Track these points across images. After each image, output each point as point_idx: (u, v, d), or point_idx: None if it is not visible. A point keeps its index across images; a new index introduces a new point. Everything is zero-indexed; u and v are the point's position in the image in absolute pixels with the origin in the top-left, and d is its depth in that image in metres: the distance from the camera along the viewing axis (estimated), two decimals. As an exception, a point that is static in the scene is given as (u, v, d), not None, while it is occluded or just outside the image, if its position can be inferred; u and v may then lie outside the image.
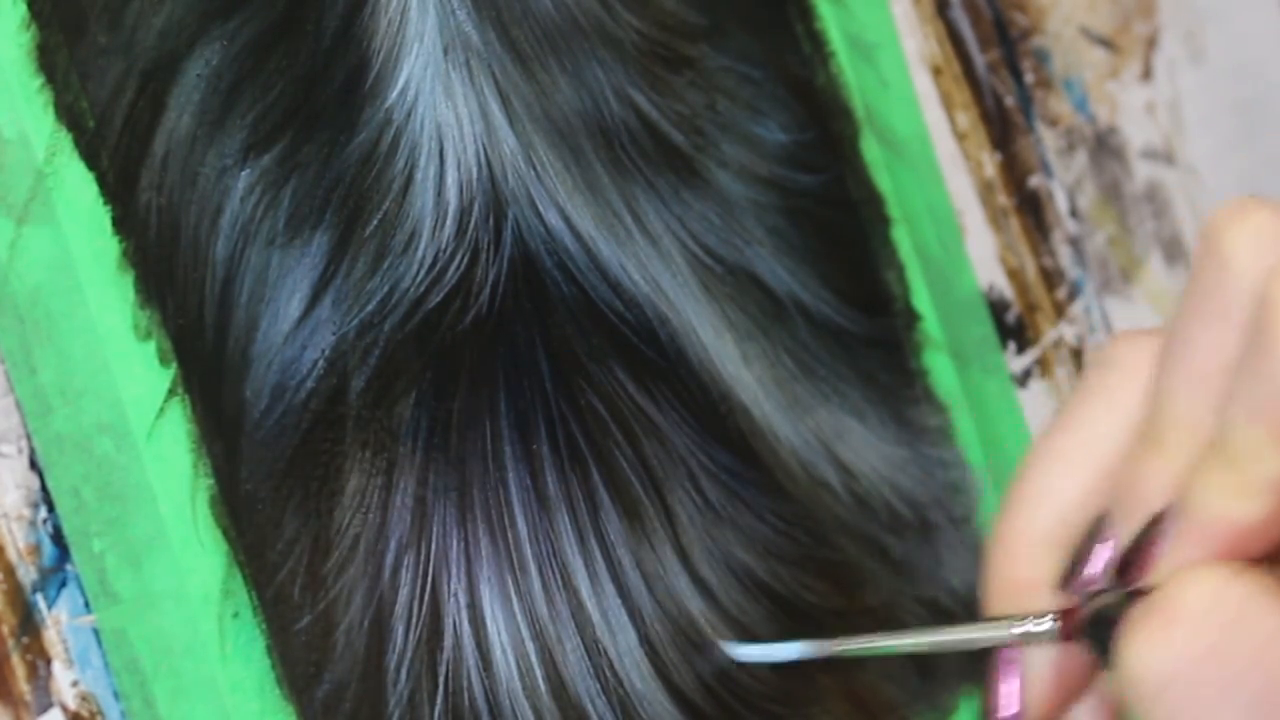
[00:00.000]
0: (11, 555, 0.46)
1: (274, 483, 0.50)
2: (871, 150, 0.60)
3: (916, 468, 0.59)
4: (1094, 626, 0.43)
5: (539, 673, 0.51)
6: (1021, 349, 0.64)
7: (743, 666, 0.54)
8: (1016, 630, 0.45)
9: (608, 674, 0.52)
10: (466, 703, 0.51)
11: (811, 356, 0.57)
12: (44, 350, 0.47)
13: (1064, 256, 0.66)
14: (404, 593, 0.50)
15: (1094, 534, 0.44)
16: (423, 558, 0.51)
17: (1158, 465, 0.43)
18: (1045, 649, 0.45)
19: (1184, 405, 0.42)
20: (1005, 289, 0.63)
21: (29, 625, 0.46)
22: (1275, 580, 0.40)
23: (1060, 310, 0.65)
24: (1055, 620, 0.44)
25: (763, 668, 0.54)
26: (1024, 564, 0.45)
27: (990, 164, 0.64)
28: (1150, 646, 0.40)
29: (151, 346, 0.49)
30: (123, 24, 0.49)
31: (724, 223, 0.56)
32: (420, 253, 0.52)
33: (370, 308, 0.51)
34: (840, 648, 0.51)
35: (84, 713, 0.47)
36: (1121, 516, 0.43)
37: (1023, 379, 0.64)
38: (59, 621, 0.46)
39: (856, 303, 0.58)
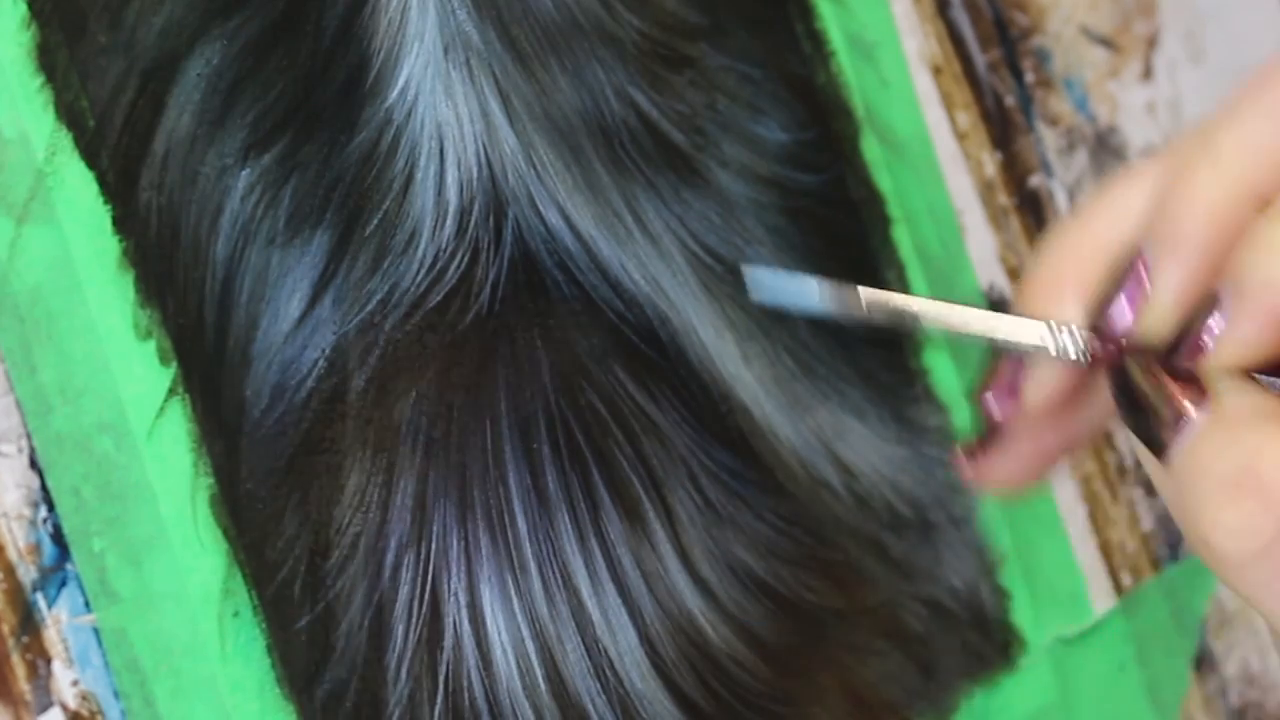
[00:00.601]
0: (11, 555, 0.46)
1: (274, 482, 0.50)
2: (872, 150, 0.60)
3: (916, 467, 0.59)
4: (1131, 397, 0.42)
5: (539, 672, 0.51)
6: (1022, 348, 0.64)
7: (741, 666, 0.54)
8: (1052, 334, 0.44)
9: (608, 674, 0.52)
10: (466, 702, 0.51)
11: (811, 356, 0.57)
12: (44, 350, 0.47)
13: (1064, 256, 0.66)
14: (404, 592, 0.50)
15: (1129, 264, 0.42)
16: (423, 557, 0.51)
17: (1202, 186, 0.41)
18: (1050, 363, 0.44)
19: (1253, 125, 0.40)
20: (1005, 288, 0.63)
21: (29, 625, 0.46)
22: None
23: (1060, 310, 0.65)
24: (1086, 344, 0.43)
25: (762, 667, 0.54)
26: (1073, 267, 0.44)
27: (990, 163, 0.64)
28: (1241, 526, 0.39)
29: (151, 346, 0.49)
30: (123, 23, 0.49)
31: (724, 222, 0.56)
32: (420, 252, 0.52)
33: (370, 307, 0.51)
34: (862, 299, 0.49)
35: (84, 712, 0.47)
36: (1159, 247, 0.42)
37: (1023, 378, 0.64)
38: (59, 621, 0.46)
39: (857, 302, 0.58)
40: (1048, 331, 0.44)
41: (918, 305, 0.48)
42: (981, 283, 0.63)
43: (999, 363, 0.46)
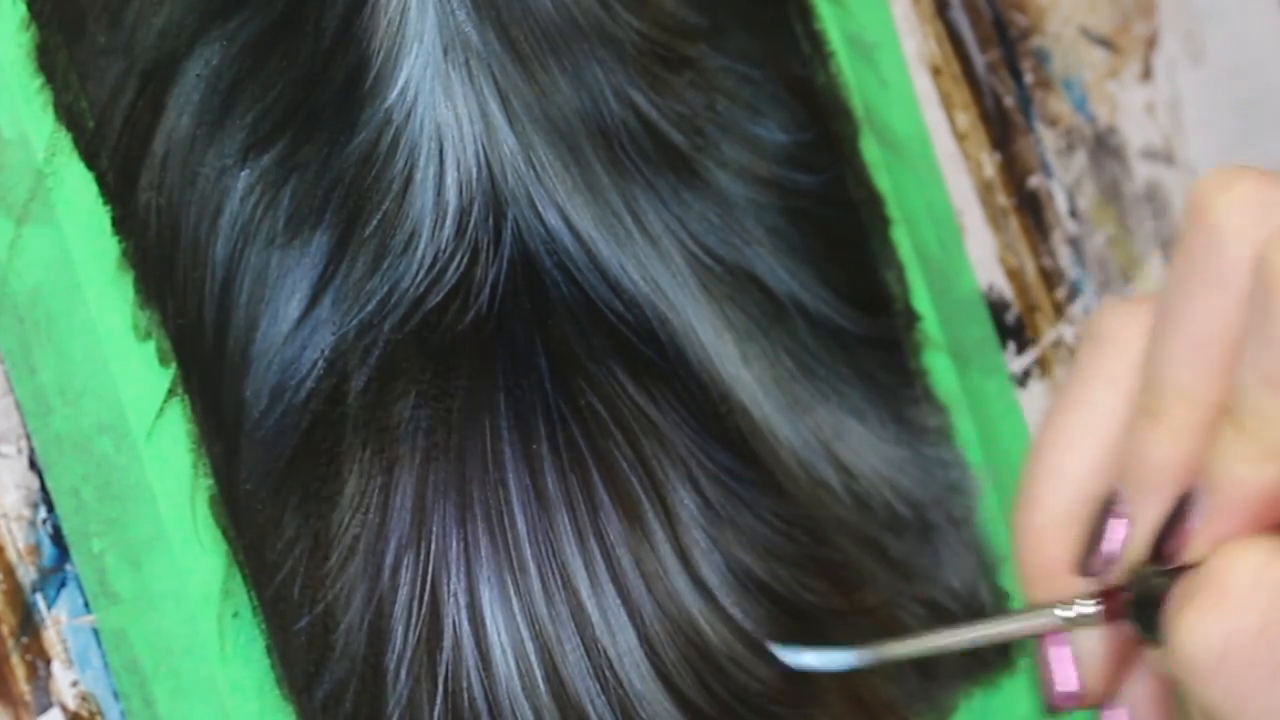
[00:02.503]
0: (11, 555, 0.46)
1: (274, 483, 0.50)
2: (871, 150, 0.60)
3: (916, 468, 0.59)
4: (1139, 606, 0.44)
5: (538, 673, 0.51)
6: (1021, 349, 0.64)
7: (741, 666, 0.54)
8: (1062, 614, 0.45)
9: (607, 674, 0.52)
10: (466, 703, 0.51)
11: (811, 356, 0.57)
12: (44, 350, 0.47)
13: (1063, 257, 0.66)
14: (404, 593, 0.50)
15: (1105, 512, 0.45)
16: (422, 558, 0.51)
17: (1162, 436, 0.43)
18: (1091, 631, 0.45)
19: (1183, 375, 0.43)
20: (1005, 289, 0.63)
21: (29, 625, 0.46)
22: None
23: (1060, 310, 0.65)
24: (1099, 602, 0.45)
25: (762, 668, 0.54)
26: (1051, 545, 0.46)
27: (990, 164, 0.64)
28: (1201, 625, 0.41)
29: (151, 346, 0.49)
30: (122, 24, 0.49)
31: (724, 223, 0.56)
32: (420, 253, 0.52)
33: (370, 308, 0.51)
34: (892, 652, 0.51)
35: (84, 713, 0.47)
36: (1133, 492, 0.44)
37: (1022, 379, 0.64)
38: (59, 621, 0.46)
39: (856, 303, 0.58)
40: (1064, 609, 0.46)
41: (943, 638, 0.50)
42: (981, 283, 0.63)
43: (1043, 655, 0.47)
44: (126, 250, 0.49)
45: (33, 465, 0.47)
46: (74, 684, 0.47)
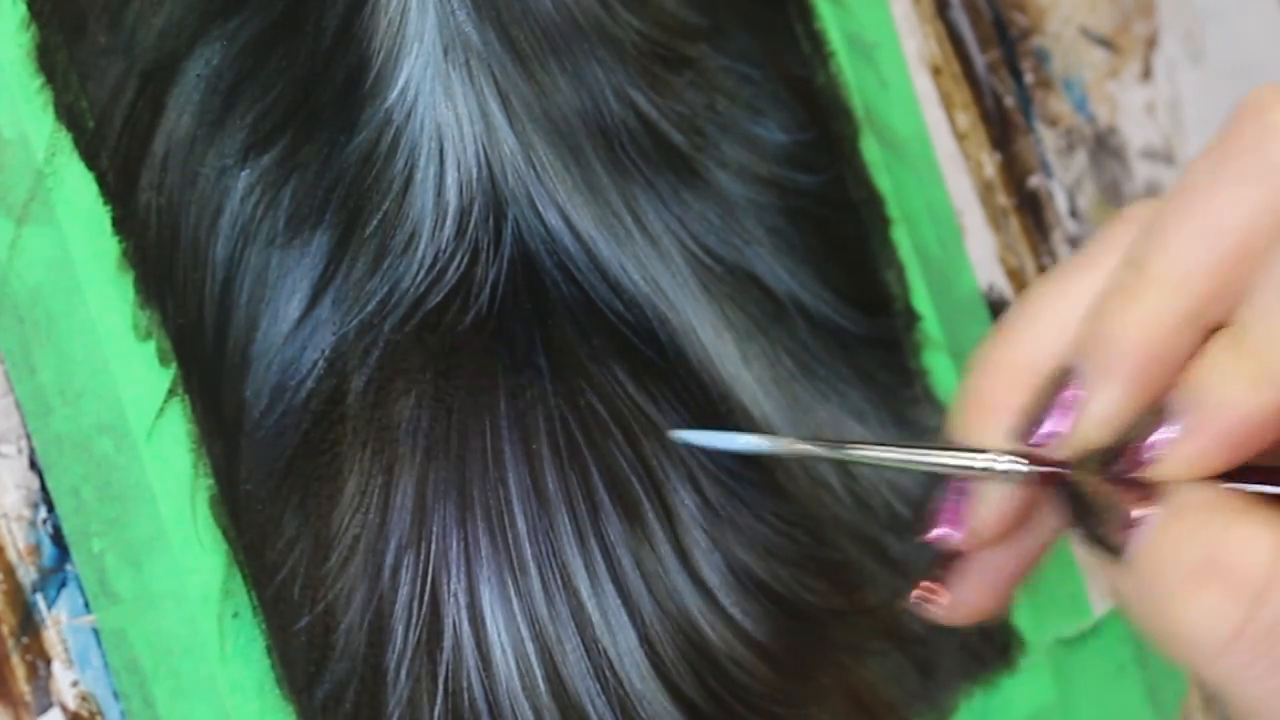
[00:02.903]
0: (11, 555, 0.46)
1: (274, 483, 0.50)
2: (871, 150, 0.60)
3: (916, 468, 0.59)
4: (1082, 506, 0.42)
5: (539, 673, 0.51)
6: (1021, 349, 0.64)
7: (741, 666, 0.54)
8: (988, 465, 0.44)
9: (607, 674, 0.52)
10: (466, 703, 0.51)
11: (811, 356, 0.57)
12: (44, 350, 0.47)
13: (1064, 256, 0.66)
14: (404, 593, 0.50)
15: (1059, 381, 0.43)
16: (423, 558, 0.51)
17: (1139, 313, 0.41)
18: (1001, 486, 0.44)
19: (1184, 258, 0.41)
20: (1005, 289, 0.63)
21: (29, 625, 0.46)
22: None
23: (1060, 310, 0.65)
24: (1026, 467, 0.43)
25: (762, 667, 0.54)
26: (1001, 388, 0.44)
27: (990, 164, 0.64)
28: (1213, 612, 0.39)
29: (151, 346, 0.49)
30: (123, 24, 0.49)
31: (724, 223, 0.56)
32: (420, 253, 0.52)
33: (370, 308, 0.51)
34: (792, 447, 0.49)
35: (84, 713, 0.47)
36: (1094, 370, 0.42)
37: (1022, 379, 0.64)
38: (59, 621, 0.46)
39: (856, 303, 0.58)
40: (986, 458, 0.44)
41: (856, 451, 0.48)
42: (981, 283, 0.63)
43: (940, 495, 0.45)
44: (126, 250, 0.49)
45: (33, 465, 0.47)
46: (74, 684, 0.47)
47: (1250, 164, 0.40)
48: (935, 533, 0.45)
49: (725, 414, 0.55)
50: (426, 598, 0.50)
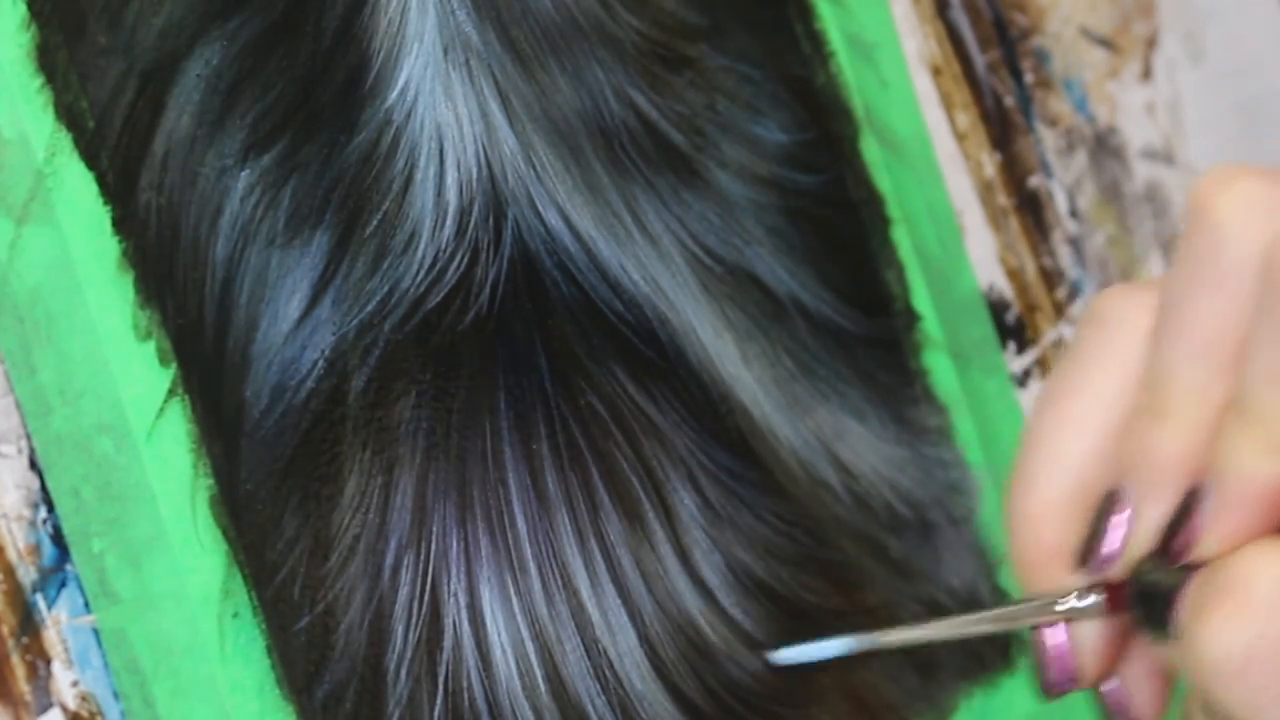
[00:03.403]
0: (11, 555, 0.46)
1: (274, 483, 0.50)
2: (871, 150, 0.60)
3: (916, 468, 0.59)
4: (1142, 601, 0.44)
5: (539, 673, 0.51)
6: (1021, 349, 0.64)
7: (741, 666, 0.54)
8: (1062, 608, 0.45)
9: (607, 674, 0.52)
10: (466, 703, 0.51)
11: (811, 356, 0.57)
12: (44, 350, 0.47)
13: (1064, 256, 0.66)
14: (404, 593, 0.50)
15: (1108, 507, 0.45)
16: (422, 558, 0.51)
17: (1168, 434, 0.43)
18: (1090, 621, 0.45)
19: (1189, 374, 0.43)
20: (1005, 289, 0.63)
21: (29, 625, 0.46)
22: None
23: (1060, 310, 0.65)
24: (1099, 594, 0.45)
25: (762, 667, 0.54)
26: (1047, 532, 0.45)
27: (990, 164, 0.64)
28: (1224, 631, 0.41)
29: (151, 346, 0.49)
30: (123, 24, 0.49)
31: (724, 223, 0.56)
32: (420, 253, 0.52)
33: (370, 308, 0.51)
34: (883, 639, 0.51)
35: (84, 713, 0.47)
36: (1139, 489, 0.44)
37: (1022, 379, 0.64)
38: (59, 622, 0.46)
39: (856, 303, 0.58)
40: (1066, 600, 0.46)
41: (937, 628, 0.51)
42: (981, 283, 0.63)
43: (1039, 658, 0.47)
44: (126, 250, 0.49)
45: (33, 465, 0.47)
46: (74, 684, 0.47)
47: (1211, 273, 0.43)
48: (1055, 687, 0.47)
49: (725, 414, 0.55)
50: (426, 598, 0.50)
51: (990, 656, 0.60)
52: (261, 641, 0.49)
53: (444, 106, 0.52)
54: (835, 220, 0.59)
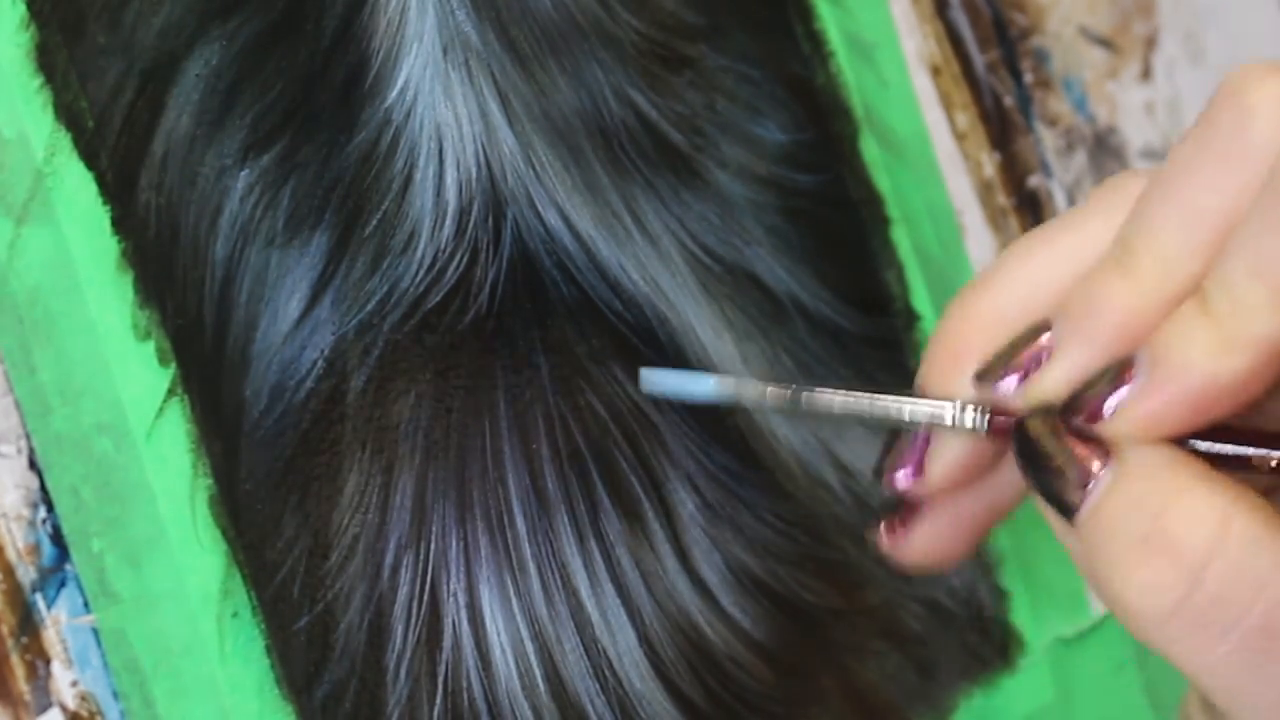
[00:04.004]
0: (11, 555, 0.46)
1: (273, 483, 0.50)
2: (871, 150, 0.60)
3: (916, 468, 0.59)
4: (1030, 454, 0.42)
5: (538, 673, 0.51)
6: (1021, 349, 0.64)
7: (741, 666, 0.54)
8: (953, 415, 0.44)
9: (607, 674, 0.52)
10: (466, 703, 0.51)
11: (811, 356, 0.57)
12: (43, 350, 0.47)
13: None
14: (403, 593, 0.50)
15: (1031, 336, 0.43)
16: (422, 558, 0.51)
17: (1122, 286, 0.42)
18: (959, 434, 0.44)
19: (1166, 237, 0.41)
20: (1005, 289, 0.63)
21: (28, 625, 0.46)
22: (1268, 512, 0.40)
23: (1060, 310, 0.65)
24: (985, 415, 0.44)
25: (761, 667, 0.54)
26: (969, 337, 0.44)
27: (989, 164, 0.64)
28: (1154, 587, 0.40)
29: (151, 346, 0.49)
30: (122, 24, 0.49)
31: (723, 222, 0.56)
32: (419, 253, 0.52)
33: (369, 308, 0.51)
34: (758, 392, 0.49)
35: (83, 713, 0.47)
36: (1068, 330, 0.42)
37: (1022, 379, 0.64)
38: (58, 621, 0.46)
39: (855, 302, 0.58)
40: (948, 407, 0.44)
41: (818, 395, 0.47)
42: (980, 283, 0.63)
43: (902, 439, 0.46)
44: (126, 250, 0.49)
45: (32, 465, 0.47)
46: (74, 684, 0.47)
47: (1228, 147, 0.41)
48: (894, 477, 0.45)
49: (725, 414, 0.55)
50: (426, 597, 0.50)
51: (990, 656, 0.60)
52: (261, 641, 0.49)
53: (443, 106, 0.52)
54: (835, 220, 0.59)
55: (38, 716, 0.46)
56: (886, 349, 0.59)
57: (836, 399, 0.46)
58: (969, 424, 0.44)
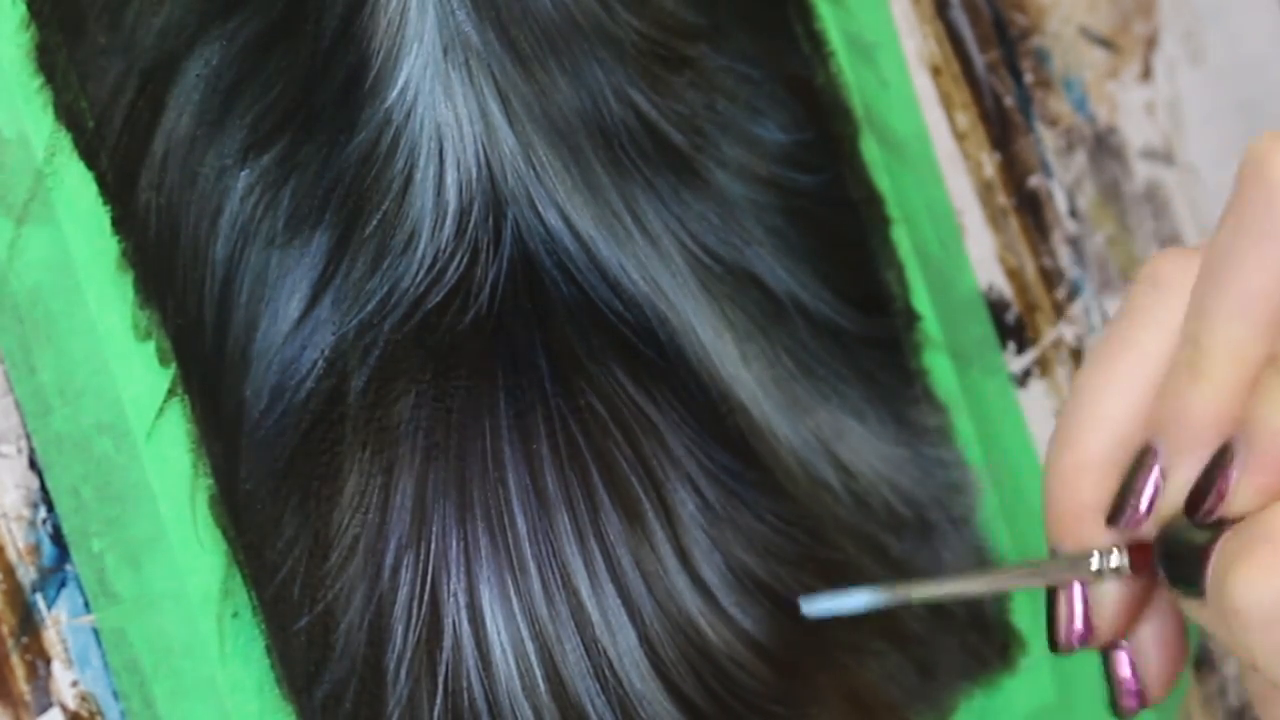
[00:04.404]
0: (11, 555, 0.46)
1: (273, 483, 0.50)
2: (871, 150, 0.60)
3: (916, 468, 0.59)
4: (1171, 559, 0.43)
5: (538, 673, 0.51)
6: (1021, 349, 0.64)
7: (741, 666, 0.54)
8: (1093, 567, 0.45)
9: (607, 674, 0.52)
10: (466, 703, 0.51)
11: (811, 356, 0.57)
12: (43, 350, 0.47)
13: (1063, 256, 0.66)
14: (403, 593, 0.50)
15: (1141, 465, 0.44)
16: (422, 558, 0.51)
17: (1203, 390, 0.43)
18: (1111, 581, 0.45)
19: (1229, 330, 0.42)
20: (1005, 289, 0.63)
21: (28, 625, 0.46)
22: None
23: (1060, 310, 0.65)
24: (1123, 553, 0.45)
25: (761, 667, 0.54)
26: (1084, 490, 0.45)
27: (989, 164, 0.64)
28: (1257, 581, 0.40)
29: (151, 346, 0.49)
30: (122, 24, 0.49)
31: (723, 222, 0.56)
32: (420, 253, 0.52)
33: (370, 308, 0.51)
34: (909, 594, 0.50)
35: (83, 713, 0.47)
36: (1172, 446, 0.43)
37: (1022, 379, 0.64)
38: (58, 621, 0.46)
39: (856, 302, 0.58)
40: (1091, 560, 0.45)
41: (964, 583, 0.50)
42: (980, 283, 0.63)
43: (1058, 609, 0.46)
44: (126, 250, 0.49)
45: (33, 465, 0.47)
46: (74, 684, 0.47)
47: (1265, 227, 0.42)
48: (1071, 634, 0.46)
49: (725, 414, 0.55)
50: (426, 597, 0.50)
51: (990, 656, 0.60)
52: (261, 641, 0.49)
53: (444, 106, 0.52)
54: (835, 220, 0.59)
55: (38, 716, 0.46)
56: (886, 349, 0.59)
57: (981, 583, 0.49)
58: (1113, 564, 0.45)
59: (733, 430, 0.55)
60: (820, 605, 0.51)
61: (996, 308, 0.63)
